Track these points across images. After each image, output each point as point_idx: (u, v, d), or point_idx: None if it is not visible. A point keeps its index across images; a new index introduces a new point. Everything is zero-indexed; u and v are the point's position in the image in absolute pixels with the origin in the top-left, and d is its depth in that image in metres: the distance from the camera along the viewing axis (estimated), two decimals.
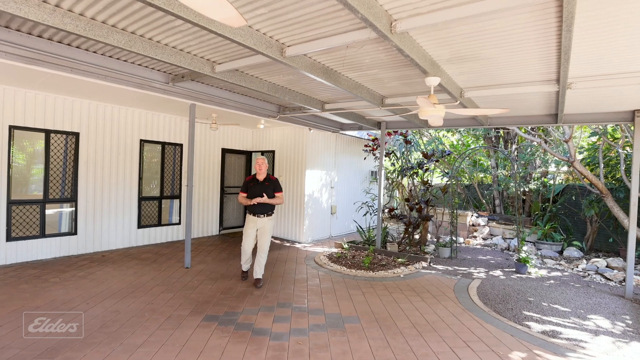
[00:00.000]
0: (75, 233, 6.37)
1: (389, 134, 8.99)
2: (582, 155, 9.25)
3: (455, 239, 7.70)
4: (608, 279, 6.23)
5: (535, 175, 10.24)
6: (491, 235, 9.62)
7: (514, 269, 6.68)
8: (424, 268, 6.53)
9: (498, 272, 6.46)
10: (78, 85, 5.13)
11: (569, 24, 2.45)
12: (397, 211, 9.31)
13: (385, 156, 8.48)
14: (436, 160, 8.76)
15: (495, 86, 4.77)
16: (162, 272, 5.59)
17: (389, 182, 11.28)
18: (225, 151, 9.15)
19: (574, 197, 9.21)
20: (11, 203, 5.63)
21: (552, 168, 10.12)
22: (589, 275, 6.46)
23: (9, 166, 5.59)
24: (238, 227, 9.56)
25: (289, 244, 8.25)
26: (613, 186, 8.09)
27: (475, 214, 10.42)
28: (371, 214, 9.02)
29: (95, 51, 4.12)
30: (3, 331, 3.45)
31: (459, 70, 4.21)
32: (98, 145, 6.62)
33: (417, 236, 8.23)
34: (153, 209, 7.59)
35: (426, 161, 8.30)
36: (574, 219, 9.18)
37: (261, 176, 5.21)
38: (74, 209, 6.35)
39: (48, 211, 6.08)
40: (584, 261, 7.25)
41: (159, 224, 7.70)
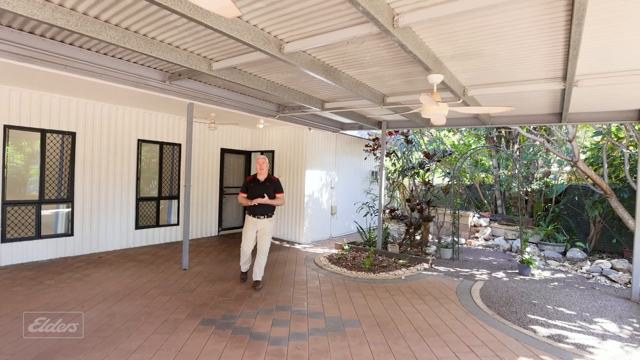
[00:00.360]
0: (72, 234, 6.28)
1: (390, 133, 8.90)
2: (585, 155, 9.14)
3: (456, 239, 7.59)
4: (613, 280, 6.12)
5: (537, 175, 10.13)
6: (493, 236, 9.50)
7: (516, 271, 6.57)
8: (425, 270, 6.42)
9: (501, 274, 6.36)
10: (73, 83, 5.03)
11: (579, 17, 2.35)
12: (398, 212, 9.20)
13: (386, 156, 8.38)
14: (437, 160, 8.65)
15: (498, 84, 4.66)
16: (159, 274, 5.49)
17: (389, 182, 11.17)
18: (224, 151, 9.05)
19: (576, 198, 9.09)
20: (6, 204, 5.54)
21: (555, 168, 10.00)
22: (593, 277, 6.35)
23: (4, 166, 5.50)
24: (237, 227, 9.45)
25: (288, 245, 8.15)
26: (617, 186, 7.98)
27: (477, 215, 10.31)
28: (372, 214, 8.91)
29: (89, 48, 4.03)
30: None
31: (462, 68, 4.11)
32: (95, 145, 6.53)
33: (419, 237, 8.13)
34: (151, 209, 7.49)
35: (427, 161, 8.19)
36: (576, 219, 9.06)
37: (262, 176, 5.09)
38: (70, 209, 6.25)
39: (44, 212, 5.98)
40: (587, 262, 7.14)
41: (157, 224, 7.60)
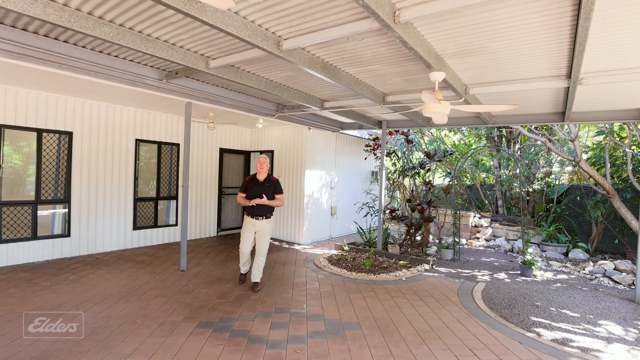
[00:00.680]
0: (69, 235, 6.20)
1: (390, 133, 8.82)
2: (587, 155, 9.06)
3: (457, 240, 7.51)
4: (616, 282, 6.04)
5: (538, 175, 10.05)
6: (494, 236, 9.42)
7: (518, 272, 6.50)
8: (426, 270, 6.35)
9: (502, 275, 6.28)
10: (69, 82, 4.95)
11: (587, 11, 2.27)
12: (399, 212, 9.12)
13: (386, 156, 8.30)
14: (438, 160, 8.58)
15: (501, 82, 4.58)
16: (156, 275, 5.42)
17: (390, 182, 11.09)
18: (223, 151, 8.97)
19: (578, 198, 9.01)
20: (1, 204, 5.46)
21: (556, 168, 9.92)
22: (596, 278, 6.27)
23: (0, 166, 5.44)
24: (237, 228, 9.37)
25: (288, 246, 8.07)
26: (619, 186, 7.90)
27: (478, 215, 10.23)
28: (372, 215, 8.83)
29: (84, 46, 3.95)
30: None
31: (464, 66, 4.04)
32: (92, 145, 6.45)
33: (419, 238, 8.05)
34: (149, 210, 7.42)
35: (428, 161, 8.12)
36: (578, 219, 8.98)
37: (262, 176, 5.01)
38: (67, 210, 6.17)
39: (40, 212, 5.90)
40: (590, 263, 7.06)
41: (155, 225, 7.52)
